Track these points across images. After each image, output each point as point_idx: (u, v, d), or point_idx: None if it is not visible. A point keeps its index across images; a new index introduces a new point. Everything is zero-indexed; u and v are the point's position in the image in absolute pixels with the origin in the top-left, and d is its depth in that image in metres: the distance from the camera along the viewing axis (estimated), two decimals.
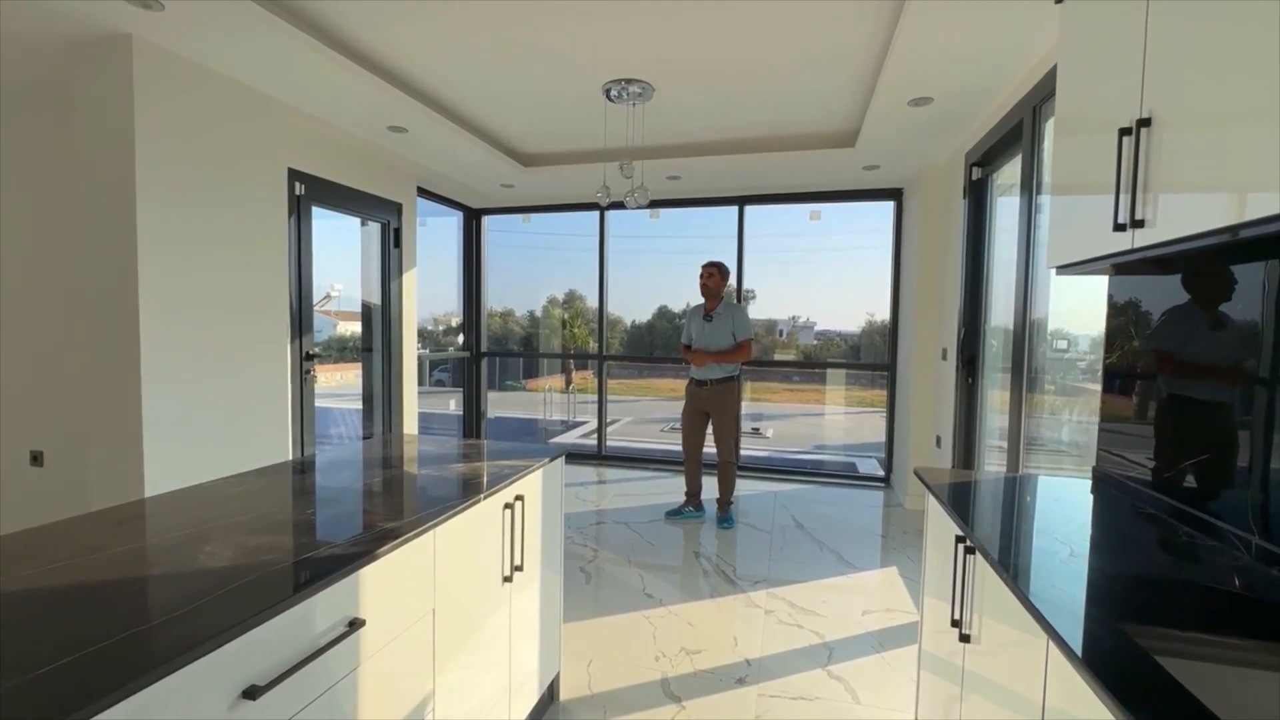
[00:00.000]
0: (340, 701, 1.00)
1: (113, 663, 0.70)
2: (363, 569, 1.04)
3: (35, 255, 2.89)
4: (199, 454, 2.68)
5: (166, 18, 2.24)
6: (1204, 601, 1.00)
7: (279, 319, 3.12)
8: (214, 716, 0.78)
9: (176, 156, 2.56)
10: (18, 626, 0.78)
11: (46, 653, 0.72)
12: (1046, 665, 0.90)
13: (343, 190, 3.58)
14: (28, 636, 0.76)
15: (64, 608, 0.84)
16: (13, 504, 3.06)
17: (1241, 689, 0.76)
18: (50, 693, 0.64)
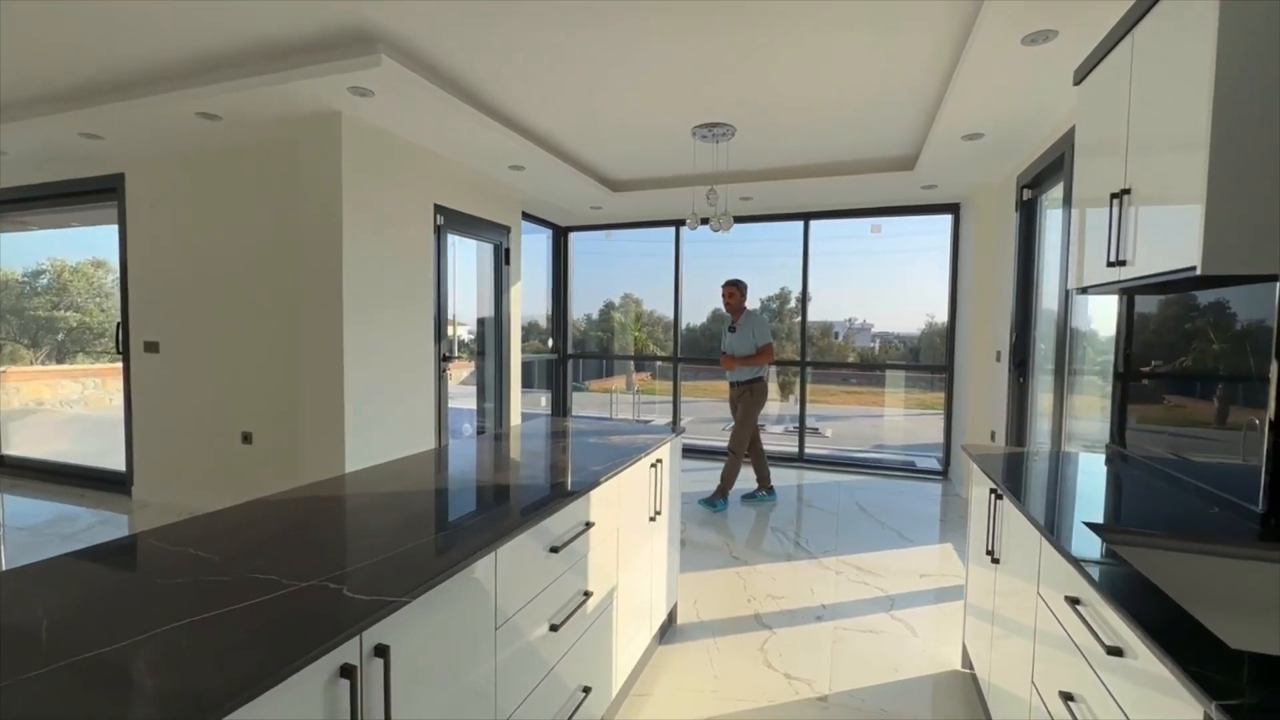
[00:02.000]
0: (582, 569, 1.60)
1: (482, 530, 1.31)
2: (590, 492, 1.63)
3: (261, 274, 3.70)
4: (375, 437, 3.40)
5: (370, 100, 2.96)
6: (1144, 512, 1.47)
7: (427, 326, 3.83)
8: (540, 558, 1.38)
9: (366, 198, 3.29)
10: (411, 513, 1.41)
11: (433, 532, 1.33)
12: (1040, 553, 1.40)
13: (468, 218, 4.29)
14: (411, 521, 1.38)
15: (438, 506, 1.47)
16: (227, 472, 3.88)
17: (1147, 556, 1.25)
18: (460, 541, 1.25)
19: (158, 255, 4.08)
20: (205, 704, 0.67)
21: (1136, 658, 0.94)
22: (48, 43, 2.67)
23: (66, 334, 15.56)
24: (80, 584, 0.98)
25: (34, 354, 13.05)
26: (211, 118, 3.22)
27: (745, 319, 4.26)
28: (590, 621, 1.66)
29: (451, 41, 2.59)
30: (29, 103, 3.36)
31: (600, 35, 2.52)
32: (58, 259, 15.07)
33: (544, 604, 1.42)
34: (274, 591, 0.95)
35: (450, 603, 1.08)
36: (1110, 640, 1.02)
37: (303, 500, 1.45)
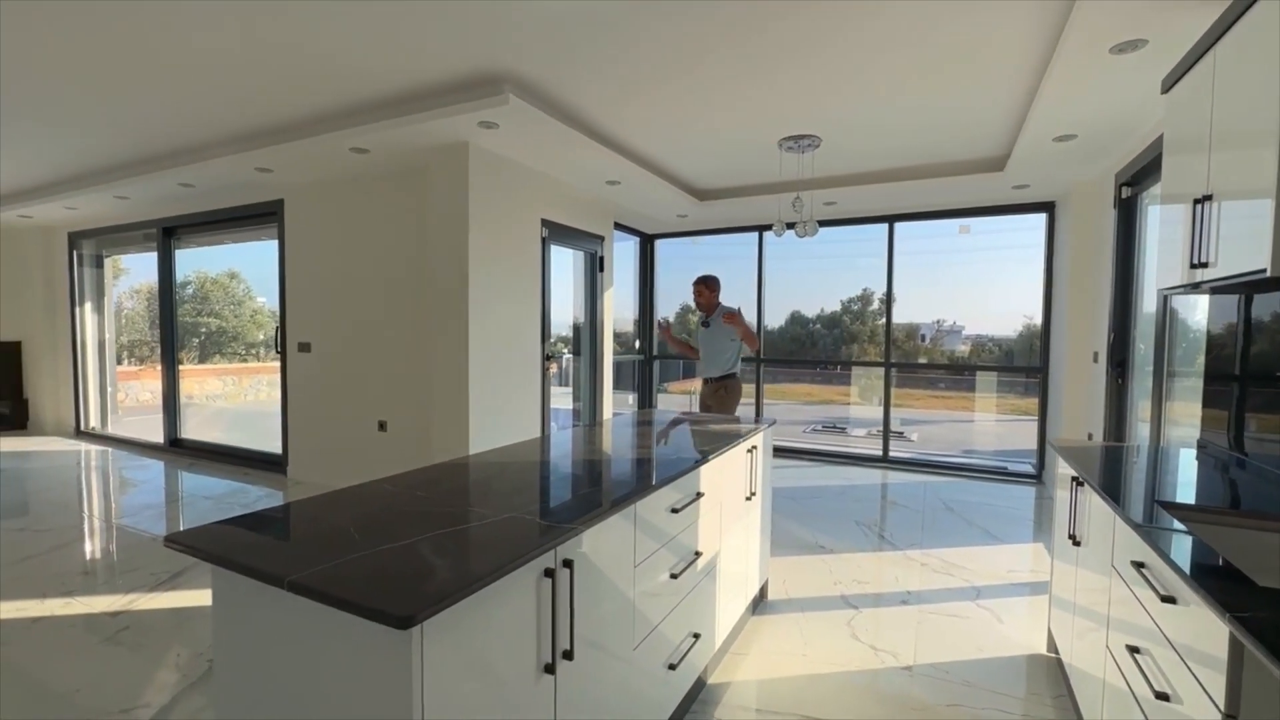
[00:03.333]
0: (693, 531, 1.89)
1: (622, 489, 1.62)
2: (700, 467, 1.91)
3: (396, 282, 4.27)
4: (492, 427, 3.84)
5: (493, 132, 3.39)
6: (1220, 496, 1.57)
7: (534, 329, 4.26)
8: (664, 516, 1.69)
9: (485, 215, 3.74)
10: (560, 474, 1.74)
11: (586, 486, 1.65)
12: (1114, 528, 1.54)
13: (568, 230, 4.70)
14: (563, 479, 1.71)
15: (580, 470, 1.80)
16: (365, 456, 4.47)
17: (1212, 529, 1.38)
18: (608, 494, 1.57)
19: (310, 268, 4.76)
20: (474, 576, 1.01)
21: (1188, 604, 1.11)
22: (239, 97, 3.27)
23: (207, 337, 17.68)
24: (357, 508, 1.37)
25: (186, 355, 15.01)
26: (362, 151, 3.78)
27: (720, 314, 4.18)
28: (699, 578, 1.94)
29: (566, 78, 2.97)
30: (216, 145, 4.07)
31: (698, 66, 2.81)
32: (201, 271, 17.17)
33: (666, 554, 1.71)
34: (489, 518, 1.30)
35: (608, 537, 1.40)
36: (1165, 591, 1.18)
37: (474, 464, 1.82)
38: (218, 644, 1.12)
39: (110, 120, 3.65)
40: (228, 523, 1.25)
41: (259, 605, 1.04)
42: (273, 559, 1.05)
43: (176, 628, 2.49)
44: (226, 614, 1.10)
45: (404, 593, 0.94)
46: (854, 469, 5.52)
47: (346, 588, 0.94)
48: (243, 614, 1.08)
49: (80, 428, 6.71)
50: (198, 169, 4.26)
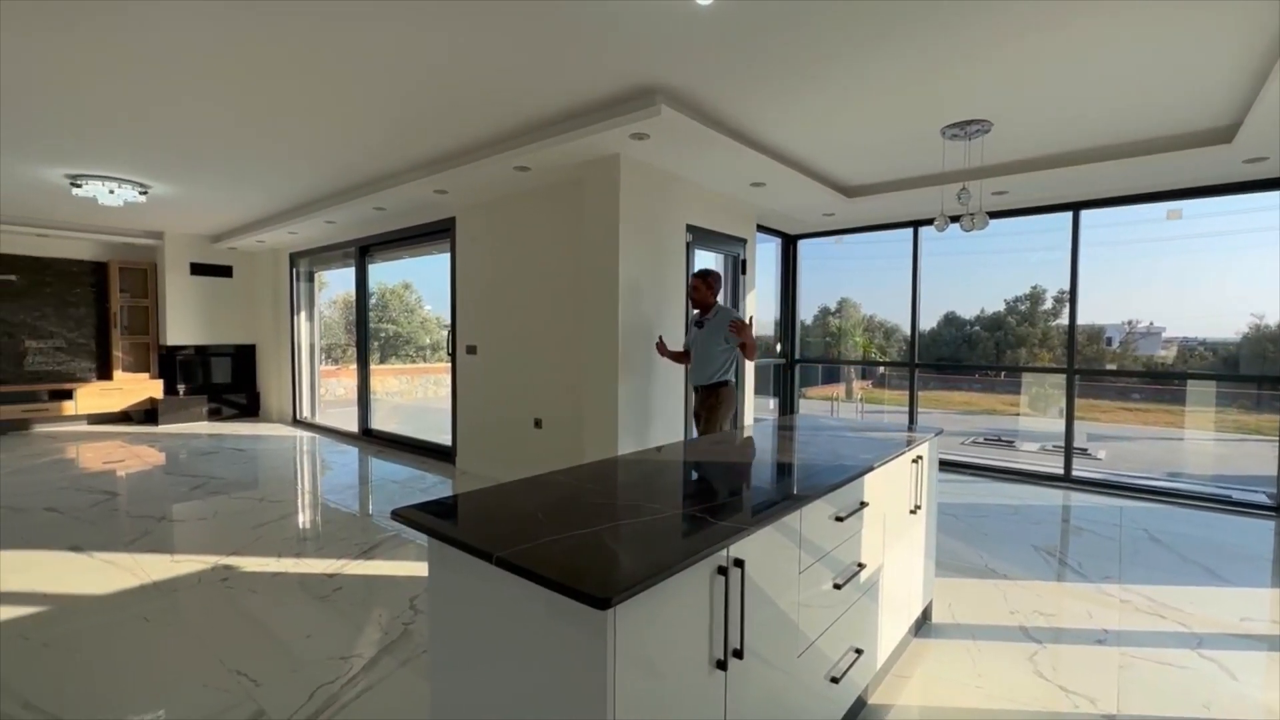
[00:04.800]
0: (856, 542, 1.81)
1: (786, 493, 1.59)
2: (865, 476, 1.83)
3: (552, 288, 4.58)
4: (638, 425, 3.97)
5: (644, 142, 3.51)
6: None
7: (678, 332, 4.33)
8: (828, 524, 1.64)
9: (635, 223, 3.88)
10: (725, 475, 1.75)
11: (752, 487, 1.64)
12: None
13: (712, 234, 4.73)
14: (729, 480, 1.71)
15: (742, 472, 1.80)
16: (522, 450, 4.84)
17: None
18: (774, 497, 1.55)
19: (476, 278, 5.26)
20: (660, 565, 1.05)
21: None
22: (422, 129, 3.70)
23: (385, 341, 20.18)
24: (540, 496, 1.49)
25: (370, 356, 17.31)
26: (524, 169, 4.10)
27: (717, 314, 3.75)
28: (862, 591, 1.86)
29: (717, 86, 3.00)
30: (404, 172, 4.63)
31: (862, 63, 2.69)
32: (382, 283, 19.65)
33: (829, 563, 1.66)
34: (662, 512, 1.35)
35: (774, 541, 1.39)
36: None
37: (633, 462, 1.89)
38: (432, 606, 1.28)
39: (325, 160, 4.31)
40: (434, 503, 1.42)
41: (468, 576, 1.18)
42: (479, 536, 1.18)
43: (375, 593, 2.87)
44: (440, 580, 1.26)
45: (599, 576, 1.01)
46: (1026, 487, 4.94)
47: (548, 566, 1.03)
48: (453, 582, 1.22)
49: (296, 417, 7.97)
50: (389, 194, 4.89)
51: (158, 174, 4.81)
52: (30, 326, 7.19)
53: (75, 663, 2.24)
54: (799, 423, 2.80)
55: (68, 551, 3.33)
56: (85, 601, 2.73)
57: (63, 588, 2.87)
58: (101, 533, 3.64)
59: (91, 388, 7.37)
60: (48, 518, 3.91)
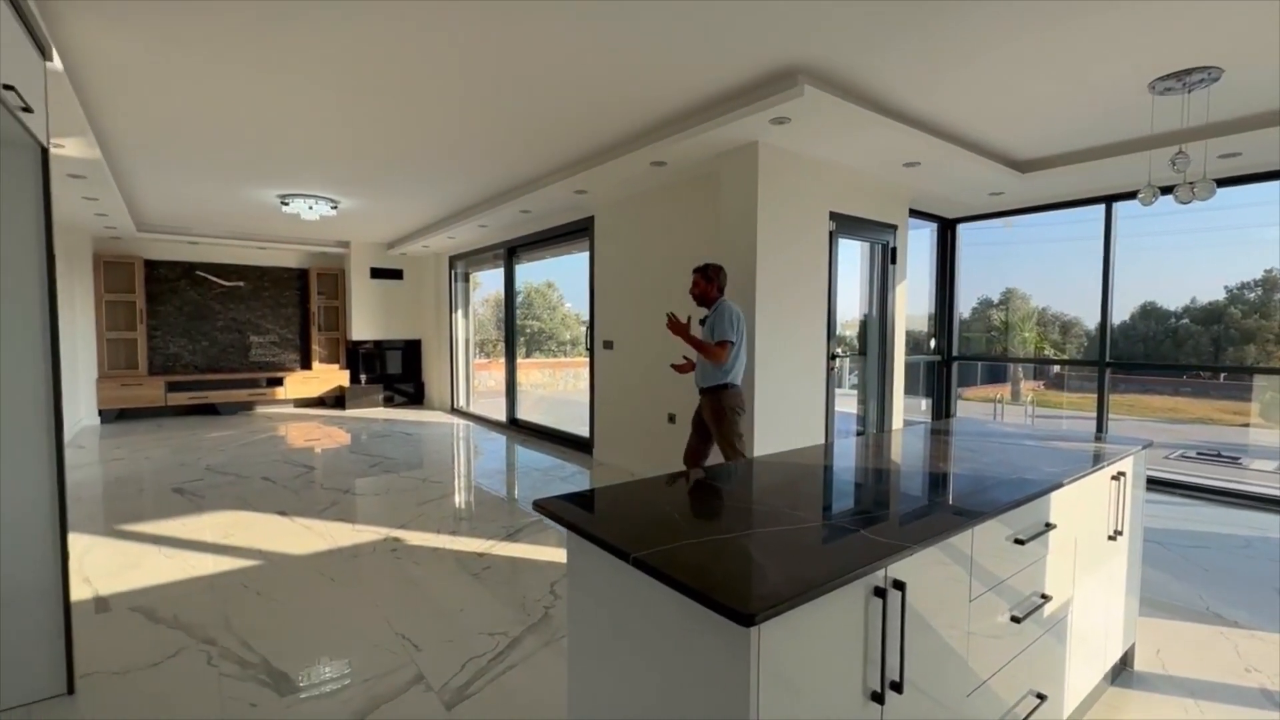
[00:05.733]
0: (1040, 570, 1.56)
1: (952, 508, 1.39)
2: (1052, 493, 1.57)
3: (686, 282, 4.54)
4: (776, 426, 3.80)
5: (784, 127, 3.34)
6: None
7: (819, 326, 4.09)
8: (1005, 547, 1.42)
9: (774, 213, 3.71)
10: (874, 483, 1.58)
11: (911, 499, 1.46)
12: None
13: (857, 221, 4.40)
14: (880, 489, 1.53)
15: (895, 482, 1.62)
16: (656, 445, 4.87)
17: None
18: (938, 512, 1.36)
19: (614, 274, 5.38)
20: (809, 582, 0.95)
21: None
22: (564, 133, 3.82)
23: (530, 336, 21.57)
24: (677, 495, 1.45)
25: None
26: (660, 164, 4.10)
27: (715, 310, 3.39)
28: (1045, 627, 1.60)
29: (864, 57, 2.75)
30: (547, 175, 4.85)
31: (1037, 11, 2.32)
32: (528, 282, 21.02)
33: (1006, 592, 1.44)
34: (809, 522, 1.24)
35: (941, 562, 1.22)
36: None
37: (773, 465, 1.78)
38: (570, 596, 1.29)
39: (478, 168, 4.64)
40: (573, 497, 1.44)
41: (605, 571, 1.16)
42: (616, 534, 1.16)
43: (519, 574, 3.03)
44: (578, 572, 1.26)
45: (742, 589, 0.94)
46: (1262, 515, 4.04)
47: (686, 572, 0.98)
48: (591, 575, 1.22)
49: (453, 405, 8.75)
50: (533, 197, 5.15)
51: (345, 191, 5.50)
52: (253, 324, 8.61)
53: (278, 611, 2.61)
54: (961, 427, 2.49)
55: (276, 515, 3.91)
56: (287, 559, 3.18)
57: (271, 545, 3.37)
58: (301, 501, 4.24)
59: (297, 376, 8.66)
60: (263, 485, 4.64)
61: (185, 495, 4.37)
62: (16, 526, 1.87)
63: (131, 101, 3.33)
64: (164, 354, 8.03)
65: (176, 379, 7.81)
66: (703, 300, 3.49)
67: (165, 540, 3.44)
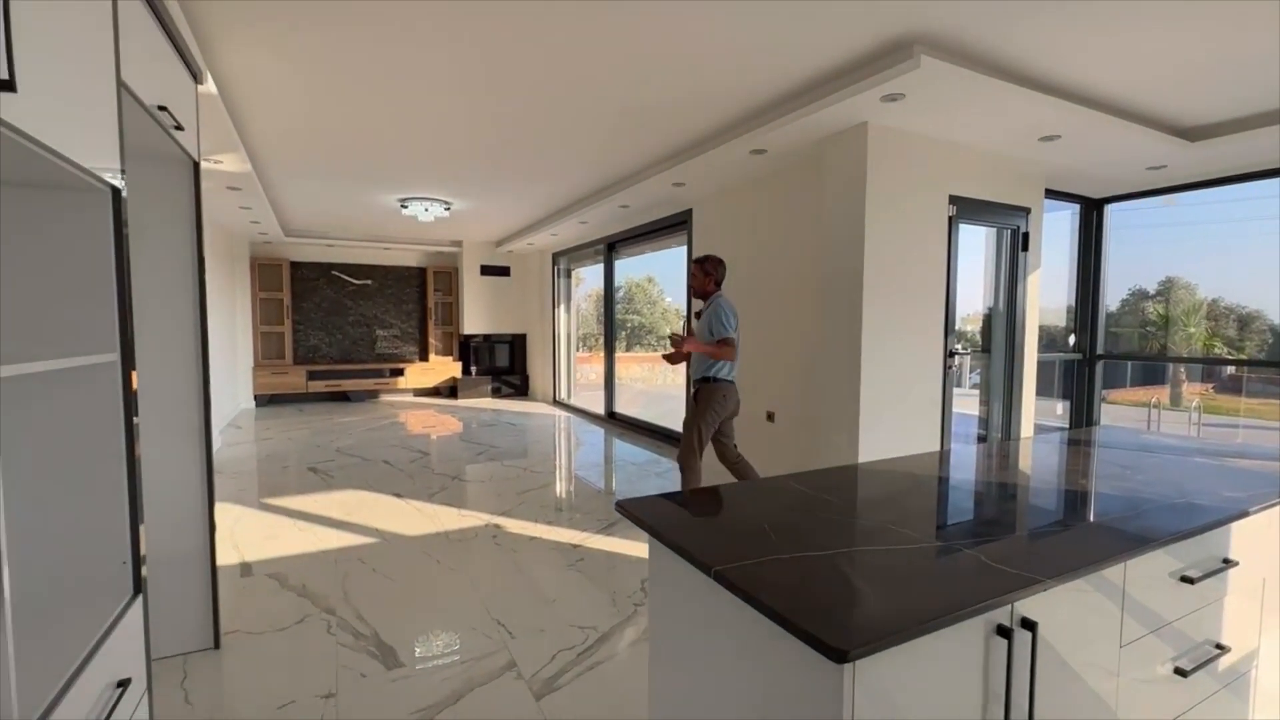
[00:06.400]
0: (1215, 614, 1.30)
1: (1099, 535, 1.18)
2: (1232, 524, 1.30)
3: (788, 275, 4.38)
4: (885, 428, 3.53)
5: (897, 105, 3.07)
6: None
7: (936, 321, 3.75)
8: (1167, 585, 1.19)
9: (885, 199, 3.44)
10: (1000, 500, 1.38)
11: (1044, 523, 1.25)
12: None
13: (982, 204, 3.98)
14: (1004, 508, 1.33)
15: (1024, 500, 1.42)
16: (753, 443, 4.72)
17: None
18: (1081, 540, 1.15)
19: None
20: (916, 616, 0.83)
21: None
22: (661, 126, 3.76)
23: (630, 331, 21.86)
24: (769, 503, 1.35)
25: (616, 344, 19.03)
26: (760, 152, 3.94)
27: (711, 306, 3.46)
28: (1222, 682, 1.33)
29: (990, 19, 2.45)
30: (646, 169, 4.83)
31: None
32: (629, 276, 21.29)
33: (1170, 638, 1.21)
34: (917, 542, 1.10)
35: (1083, 600, 1.04)
36: None
37: (879, 473, 1.63)
38: (652, 602, 1.24)
39: (580, 166, 4.71)
40: (657, 500, 1.38)
41: (687, 581, 1.10)
42: (699, 543, 1.09)
43: (612, 569, 3.04)
44: (660, 578, 1.21)
45: (834, 617, 0.83)
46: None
47: (773, 593, 0.89)
48: (673, 583, 1.16)
49: (555, 397, 9.04)
50: (632, 191, 5.15)
51: (456, 192, 5.81)
52: (379, 319, 9.38)
53: (389, 587, 2.79)
54: (1107, 437, 2.16)
55: (392, 497, 4.22)
56: (399, 539, 3.41)
57: (386, 525, 3.62)
58: (415, 484, 4.54)
59: (415, 367, 9.33)
60: (383, 468, 5.02)
61: (318, 474, 4.83)
62: (172, 498, 2.12)
63: (273, 118, 3.69)
64: (306, 346, 8.95)
65: (315, 368, 8.68)
66: (700, 293, 3.60)
67: (299, 514, 3.81)
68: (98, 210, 1.33)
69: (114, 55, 1.35)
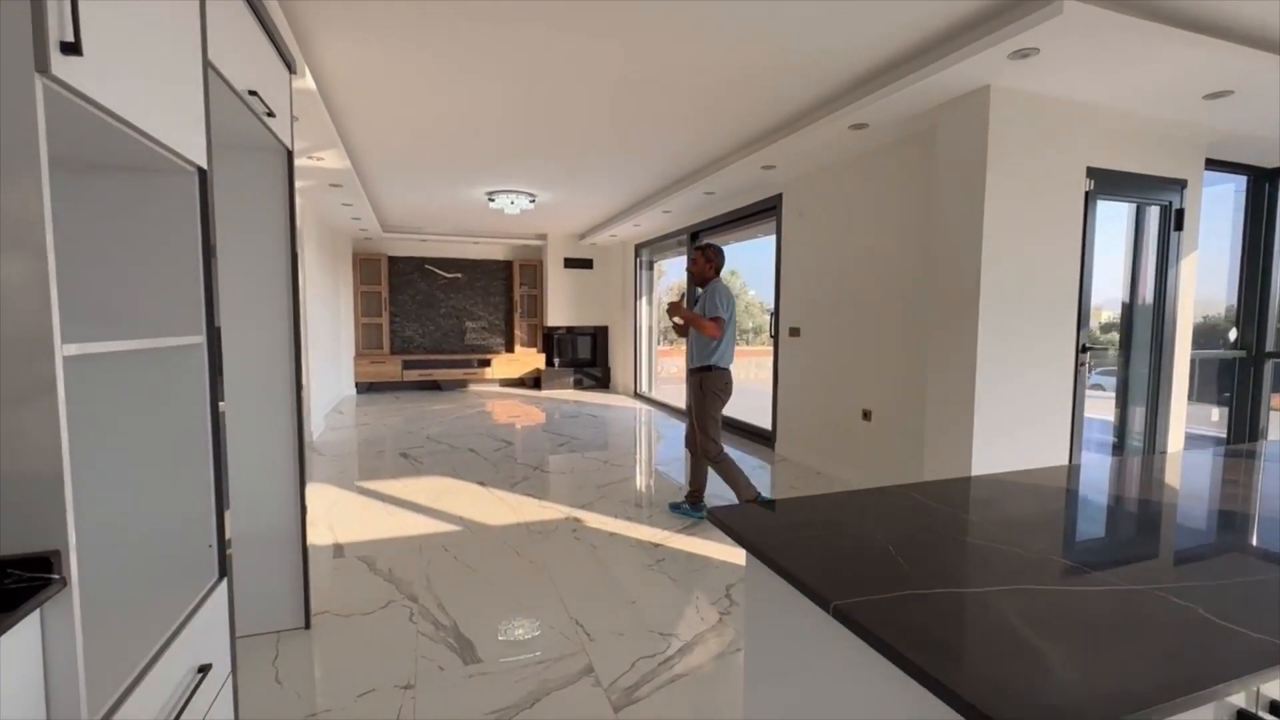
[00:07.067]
0: None
1: None
2: None
3: (888, 261, 4.03)
4: (1002, 434, 3.13)
5: (1027, 62, 2.67)
6: None
7: (1066, 312, 3.29)
8: None
9: (1008, 174, 3.04)
10: (1194, 531, 1.08)
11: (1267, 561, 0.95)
12: None
13: (1126, 177, 3.45)
14: (1200, 542, 1.04)
15: (1220, 528, 1.12)
16: (848, 443, 4.39)
17: None
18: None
19: (803, 255, 4.96)
20: (1120, 699, 0.61)
21: None
22: (747, 107, 3.52)
23: None
24: (890, 520, 1.14)
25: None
26: (860, 127, 3.62)
27: (709, 290, 3.51)
28: None
29: None
30: (732, 153, 4.59)
31: None
32: None
33: None
34: (1101, 583, 0.86)
35: None
36: None
37: (1019, 485, 1.36)
38: (750, 623, 1.07)
39: (664, 152, 4.55)
40: (754, 510, 1.20)
41: (793, 607, 0.92)
42: (811, 566, 0.91)
43: (694, 571, 2.88)
44: (758, 598, 1.03)
45: (1010, 689, 0.63)
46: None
47: (918, 644, 0.69)
48: (775, 607, 0.98)
49: (636, 390, 8.97)
50: (718, 177, 4.94)
51: (541, 184, 5.82)
52: (468, 311, 9.69)
53: (470, 577, 2.77)
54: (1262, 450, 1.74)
55: (476, 485, 4.27)
56: (482, 529, 3.41)
57: (470, 514, 3.65)
58: (499, 473, 4.58)
59: (501, 358, 9.57)
60: (469, 456, 5.12)
61: (409, 460, 4.99)
62: (267, 482, 2.18)
63: (369, 113, 3.79)
64: (401, 337, 9.39)
65: (410, 358, 9.09)
66: (700, 279, 3.62)
67: (390, 499, 3.92)
68: (184, 192, 1.32)
69: (200, 34, 1.33)
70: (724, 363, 3.52)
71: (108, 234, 1.26)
